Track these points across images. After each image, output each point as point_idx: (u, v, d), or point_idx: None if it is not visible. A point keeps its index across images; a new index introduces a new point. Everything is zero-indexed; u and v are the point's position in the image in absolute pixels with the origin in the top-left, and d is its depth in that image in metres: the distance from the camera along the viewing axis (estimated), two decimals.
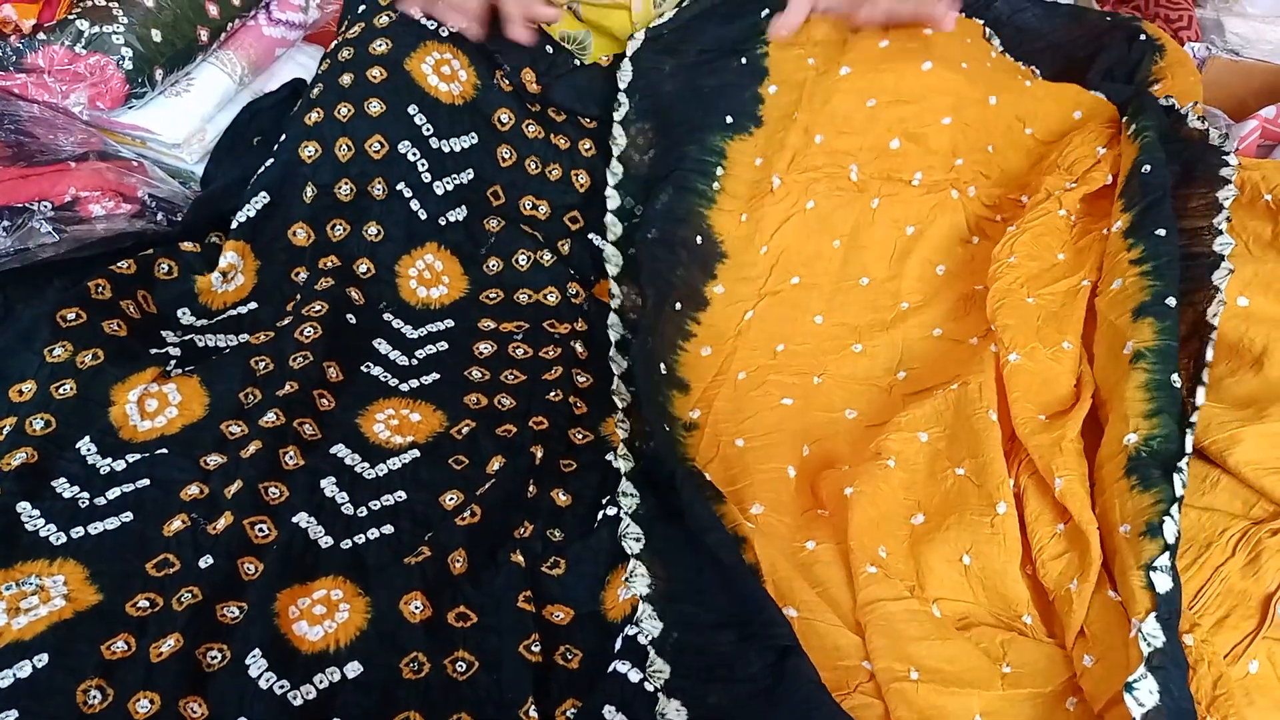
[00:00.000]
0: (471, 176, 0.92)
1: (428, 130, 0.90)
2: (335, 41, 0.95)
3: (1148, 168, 0.78)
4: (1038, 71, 1.01)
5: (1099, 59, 1.04)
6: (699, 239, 0.85)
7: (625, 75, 0.94)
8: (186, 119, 1.01)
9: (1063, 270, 0.80)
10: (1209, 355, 0.69)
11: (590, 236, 0.95)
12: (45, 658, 0.57)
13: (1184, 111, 0.89)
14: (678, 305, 0.82)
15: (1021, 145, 0.91)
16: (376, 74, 0.89)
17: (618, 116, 0.92)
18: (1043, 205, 0.83)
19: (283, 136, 0.90)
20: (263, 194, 0.87)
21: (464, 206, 0.91)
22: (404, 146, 0.89)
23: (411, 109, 0.89)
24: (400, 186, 0.89)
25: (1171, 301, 0.70)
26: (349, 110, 0.88)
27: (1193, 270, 0.74)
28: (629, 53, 0.95)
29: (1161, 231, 0.74)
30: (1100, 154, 0.86)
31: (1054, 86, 0.94)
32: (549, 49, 0.98)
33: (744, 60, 0.92)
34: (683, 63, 0.94)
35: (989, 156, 0.89)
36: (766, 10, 0.94)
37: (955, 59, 0.91)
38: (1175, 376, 0.67)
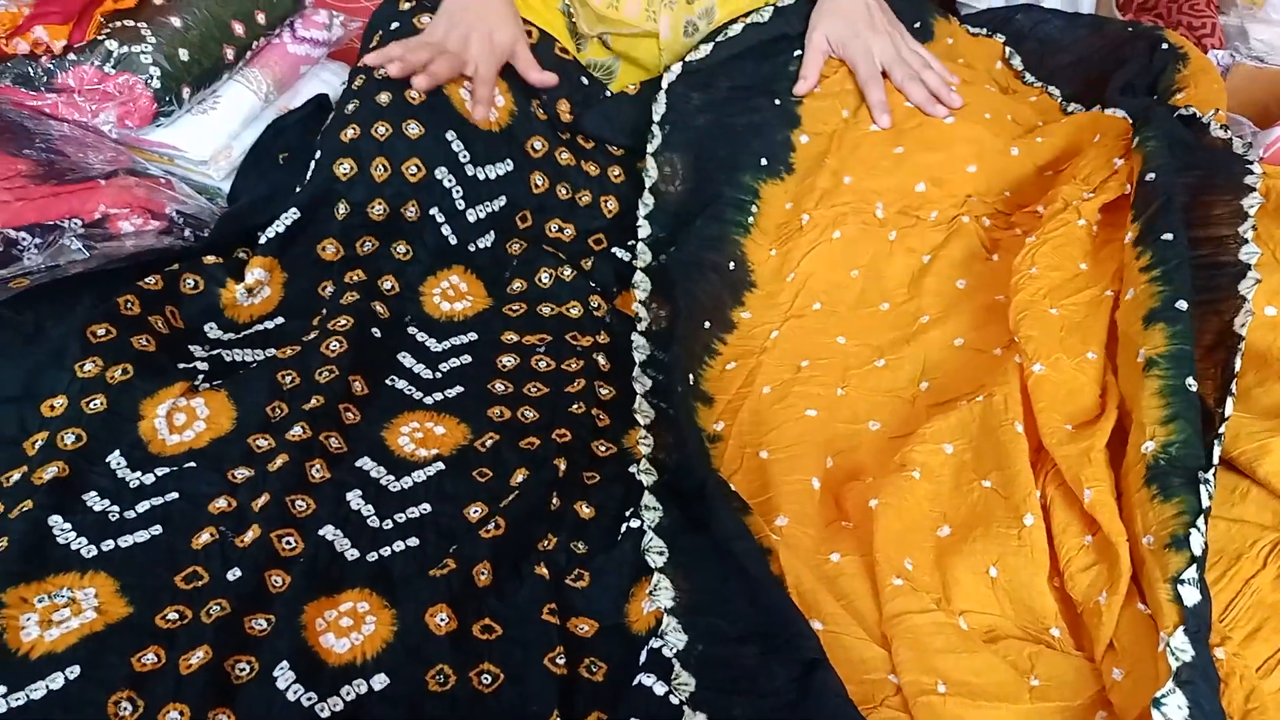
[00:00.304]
0: (504, 203, 0.92)
1: (464, 157, 0.90)
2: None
3: (1151, 175, 0.78)
4: (1057, 93, 1.01)
5: (1121, 70, 1.04)
6: (732, 264, 0.87)
7: (660, 107, 0.94)
8: (213, 136, 1.02)
9: (1085, 280, 0.79)
10: (1237, 365, 0.68)
11: (614, 250, 0.95)
12: (77, 669, 0.58)
13: (1206, 120, 0.88)
14: (706, 324, 0.83)
15: (1038, 184, 0.92)
16: (415, 95, 0.89)
17: (651, 148, 0.93)
18: (1061, 216, 0.82)
19: (317, 154, 0.90)
20: (294, 210, 0.88)
21: (493, 232, 0.92)
22: (440, 172, 0.89)
23: (450, 135, 0.90)
24: (433, 211, 0.90)
25: (1182, 305, 0.68)
26: (387, 130, 0.88)
27: (1218, 279, 0.73)
28: (664, 85, 0.95)
29: (1168, 236, 0.72)
30: (1117, 165, 0.86)
31: (1071, 124, 0.94)
32: (584, 80, 0.99)
33: (777, 101, 0.93)
34: (714, 98, 0.95)
35: (1006, 199, 0.91)
36: (798, 50, 0.96)
37: (979, 110, 0.95)
38: (1191, 380, 0.65)
